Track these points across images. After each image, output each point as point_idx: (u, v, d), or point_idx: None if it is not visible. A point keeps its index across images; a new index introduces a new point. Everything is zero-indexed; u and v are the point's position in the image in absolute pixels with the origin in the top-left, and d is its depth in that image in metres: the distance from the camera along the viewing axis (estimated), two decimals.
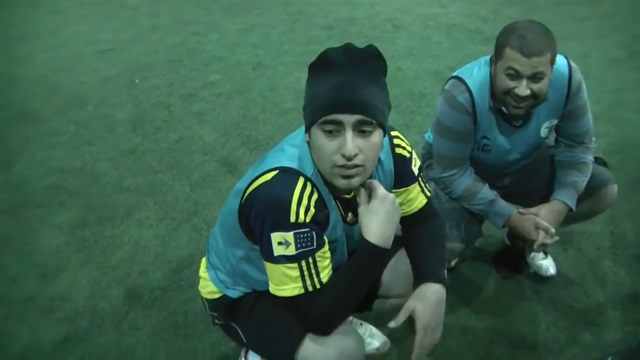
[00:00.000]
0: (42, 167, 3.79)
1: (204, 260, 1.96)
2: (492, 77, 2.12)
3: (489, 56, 2.17)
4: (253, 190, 1.53)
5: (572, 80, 2.17)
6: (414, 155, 1.79)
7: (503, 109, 2.14)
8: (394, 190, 1.75)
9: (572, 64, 2.18)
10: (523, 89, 1.99)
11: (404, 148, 1.75)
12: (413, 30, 6.01)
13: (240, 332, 1.84)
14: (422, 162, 2.48)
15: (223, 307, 1.86)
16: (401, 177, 1.77)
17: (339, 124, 1.42)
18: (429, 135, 2.50)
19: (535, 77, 1.98)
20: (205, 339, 2.42)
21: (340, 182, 1.49)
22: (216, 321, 1.92)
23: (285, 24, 6.41)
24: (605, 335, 2.40)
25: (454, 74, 2.24)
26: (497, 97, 2.12)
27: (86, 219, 3.24)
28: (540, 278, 2.69)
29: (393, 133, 1.74)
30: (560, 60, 2.13)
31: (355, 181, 1.49)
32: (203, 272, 1.92)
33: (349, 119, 1.42)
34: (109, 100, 4.74)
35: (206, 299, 1.91)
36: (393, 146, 1.73)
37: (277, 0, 7.21)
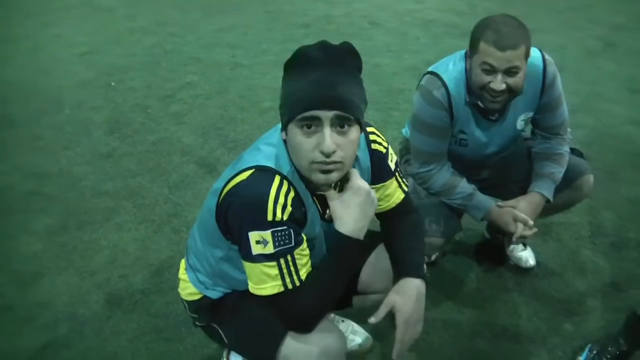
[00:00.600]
0: (19, 172, 3.74)
1: (183, 261, 1.95)
2: (468, 72, 2.13)
3: (464, 51, 2.18)
4: (230, 189, 1.53)
5: (547, 73, 2.19)
6: (390, 151, 1.79)
7: (479, 103, 2.15)
8: (371, 186, 1.75)
9: (547, 56, 2.20)
10: (498, 83, 2.00)
11: (380, 144, 1.75)
12: (390, 26, 6.03)
13: (222, 333, 1.83)
14: (400, 157, 2.49)
15: (203, 308, 1.85)
16: (378, 172, 1.77)
17: (317, 119, 1.42)
18: (406, 131, 2.50)
19: (510, 72, 1.99)
20: (188, 342, 2.40)
21: (319, 177, 1.48)
22: (197, 323, 1.91)
23: (262, 23, 6.39)
24: (586, 323, 2.43)
25: (429, 69, 2.25)
26: (473, 92, 2.13)
27: (64, 224, 3.20)
28: (520, 270, 2.72)
29: (369, 129, 1.74)
30: (535, 53, 2.14)
31: (334, 176, 1.49)
32: (182, 273, 1.91)
33: (327, 114, 1.41)
34: (86, 103, 4.68)
35: (186, 301, 1.90)
36: (369, 142, 1.73)
37: None
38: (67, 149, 3.99)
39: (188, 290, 1.87)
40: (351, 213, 1.57)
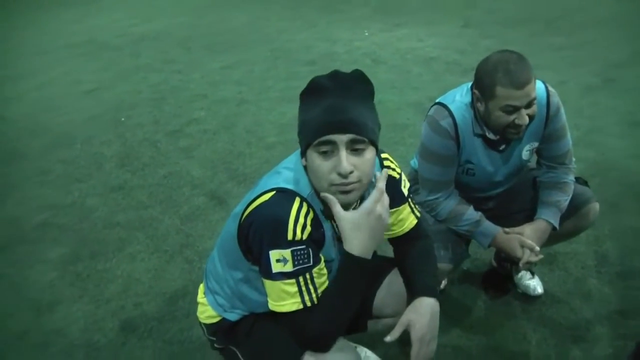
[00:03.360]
0: (33, 204, 3.83)
1: (201, 286, 2.00)
2: (483, 114, 2.16)
3: (470, 83, 2.25)
4: (252, 210, 1.59)
5: (551, 104, 2.25)
6: (404, 177, 1.86)
7: (487, 134, 2.21)
8: None
9: (550, 88, 2.26)
10: (524, 118, 2.06)
11: (393, 169, 1.82)
12: (392, 63, 6.13)
13: (240, 355, 1.86)
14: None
15: (222, 331, 1.89)
16: (391, 198, 1.80)
17: (333, 144, 1.50)
18: (414, 162, 2.55)
19: (530, 104, 2.06)
20: None
21: (340, 198, 1.55)
22: (215, 345, 1.95)
23: (267, 61, 6.50)
24: (594, 350, 2.45)
25: (437, 100, 2.31)
26: (493, 129, 2.17)
27: (78, 254, 3.27)
28: (528, 297, 2.74)
29: (383, 155, 1.81)
30: (538, 84, 2.19)
31: (353, 196, 1.55)
32: (201, 297, 1.96)
33: (341, 138, 1.49)
34: (96, 138, 4.79)
35: (204, 324, 1.94)
36: (383, 167, 1.79)
37: (259, 38, 7.32)
38: (79, 181, 4.08)
39: (207, 313, 1.91)
40: (360, 235, 1.58)
